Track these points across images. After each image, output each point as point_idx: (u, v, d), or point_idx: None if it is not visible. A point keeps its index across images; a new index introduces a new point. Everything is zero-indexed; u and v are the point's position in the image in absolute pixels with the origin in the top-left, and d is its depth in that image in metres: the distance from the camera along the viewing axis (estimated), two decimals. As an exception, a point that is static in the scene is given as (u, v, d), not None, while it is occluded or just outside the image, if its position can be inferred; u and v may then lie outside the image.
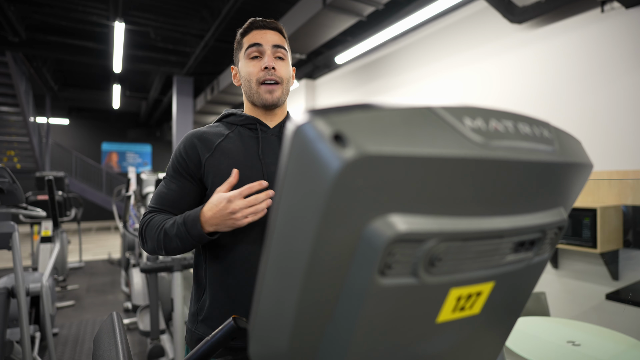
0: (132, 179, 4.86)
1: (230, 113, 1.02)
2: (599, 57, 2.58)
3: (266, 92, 0.96)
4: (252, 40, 0.97)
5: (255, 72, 0.96)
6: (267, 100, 0.96)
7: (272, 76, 0.95)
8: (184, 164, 0.95)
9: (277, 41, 0.98)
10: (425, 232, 0.29)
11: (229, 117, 1.01)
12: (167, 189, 0.96)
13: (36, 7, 5.17)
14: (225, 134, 0.97)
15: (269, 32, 0.98)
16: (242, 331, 0.64)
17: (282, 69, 0.98)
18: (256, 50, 0.96)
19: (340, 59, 4.61)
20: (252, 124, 0.99)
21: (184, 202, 0.95)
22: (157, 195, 0.96)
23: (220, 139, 0.96)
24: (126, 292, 4.40)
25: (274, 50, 0.97)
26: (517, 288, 0.42)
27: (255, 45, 0.96)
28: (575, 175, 0.39)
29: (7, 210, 1.96)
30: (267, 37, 0.97)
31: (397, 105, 0.28)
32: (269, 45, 0.97)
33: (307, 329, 0.31)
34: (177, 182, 0.95)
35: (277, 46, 0.97)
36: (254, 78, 0.96)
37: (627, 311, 2.29)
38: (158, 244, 0.89)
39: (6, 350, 1.99)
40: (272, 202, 0.29)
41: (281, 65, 0.98)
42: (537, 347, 1.49)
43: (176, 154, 0.97)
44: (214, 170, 0.93)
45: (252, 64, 0.97)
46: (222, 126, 1.00)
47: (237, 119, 1.00)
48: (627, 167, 2.41)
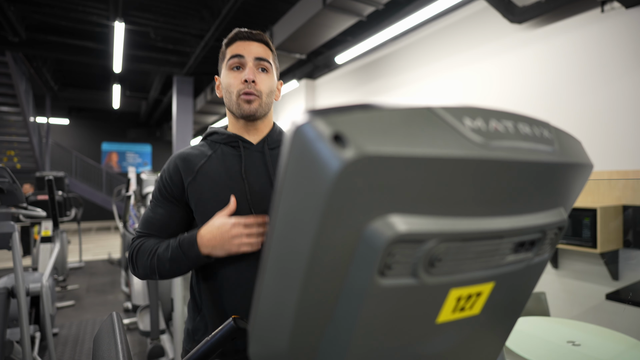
0: (132, 179, 4.87)
1: (213, 131, 1.00)
2: (599, 57, 2.58)
3: (244, 102, 0.93)
4: (234, 51, 0.95)
5: (235, 84, 0.94)
6: (245, 111, 0.94)
7: (251, 89, 0.93)
8: (169, 188, 0.94)
9: (260, 53, 0.95)
10: (425, 232, 0.29)
11: (212, 136, 1.00)
12: (154, 213, 0.95)
13: (36, 7, 5.17)
14: (208, 155, 0.96)
15: (254, 43, 0.96)
16: (242, 331, 0.64)
17: (263, 82, 0.95)
18: (238, 61, 0.94)
19: (340, 59, 4.61)
20: (234, 142, 0.97)
21: (171, 226, 0.94)
22: (144, 220, 0.95)
23: (202, 161, 0.94)
24: (126, 292, 4.40)
25: (256, 62, 0.95)
26: (517, 288, 0.42)
27: (237, 56, 0.94)
28: (575, 176, 0.39)
29: (7, 210, 1.96)
30: (250, 49, 0.95)
31: (397, 105, 0.28)
32: (251, 57, 0.94)
33: (307, 329, 0.31)
34: (163, 206, 0.94)
35: (261, 59, 0.95)
36: (234, 90, 0.94)
37: (627, 311, 2.29)
38: (151, 269, 0.89)
39: (6, 350, 1.99)
40: (272, 202, 0.29)
41: (263, 79, 0.95)
42: (537, 347, 1.49)
43: (161, 177, 0.96)
44: (197, 195, 0.92)
45: (232, 75, 0.95)
46: (206, 146, 0.99)
47: (219, 137, 0.98)
48: (627, 167, 2.41)
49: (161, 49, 6.62)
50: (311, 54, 5.26)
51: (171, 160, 0.96)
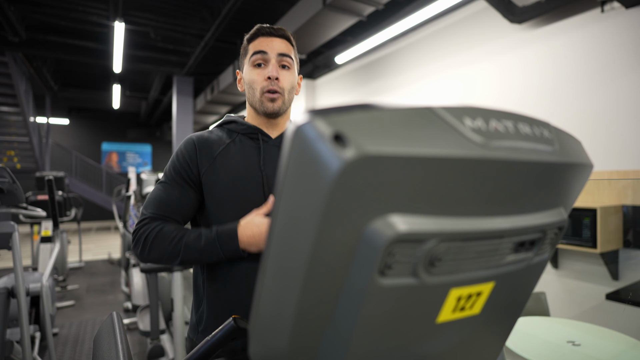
0: (132, 179, 4.87)
1: (232, 120, 1.00)
2: (599, 57, 2.58)
3: (268, 101, 0.94)
4: (257, 47, 0.95)
5: (259, 81, 0.95)
6: (268, 109, 0.95)
7: (275, 87, 0.94)
8: (187, 168, 0.92)
9: (283, 49, 0.96)
10: (425, 232, 0.29)
11: (231, 125, 1.00)
12: (167, 194, 0.91)
13: (36, 7, 5.17)
14: (226, 143, 0.96)
15: (276, 39, 0.97)
16: (242, 331, 0.64)
17: (285, 79, 0.96)
18: (261, 58, 0.95)
19: (340, 59, 4.61)
20: (254, 134, 0.97)
21: (186, 209, 0.92)
22: (156, 200, 0.91)
23: (221, 148, 0.94)
24: (126, 292, 4.40)
25: (279, 58, 0.95)
26: (517, 288, 0.42)
27: (260, 52, 0.95)
28: (575, 176, 0.39)
29: (7, 210, 1.96)
30: (273, 45, 0.95)
31: (397, 105, 0.28)
32: (274, 53, 0.95)
33: (307, 329, 0.31)
34: (178, 187, 0.92)
35: (283, 54, 0.96)
36: (258, 87, 0.95)
37: (627, 311, 2.29)
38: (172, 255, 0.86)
39: (6, 350, 1.99)
40: (272, 202, 0.29)
41: (285, 75, 0.96)
42: (537, 347, 1.49)
43: (178, 157, 0.94)
44: (214, 179, 0.91)
45: (256, 72, 0.95)
46: (224, 133, 0.98)
47: (239, 127, 0.98)
48: (627, 167, 2.41)
49: (161, 49, 6.62)
50: (311, 54, 5.26)
51: (189, 142, 0.95)
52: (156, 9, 5.22)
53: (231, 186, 0.90)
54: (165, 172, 0.96)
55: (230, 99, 7.48)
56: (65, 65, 8.43)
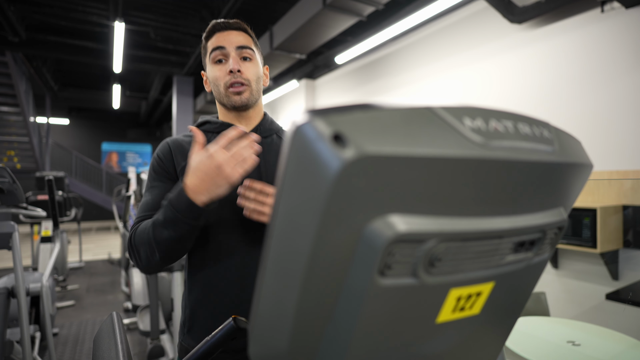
0: (132, 179, 4.87)
1: (205, 121, 1.00)
2: (599, 57, 2.58)
3: (234, 94, 0.94)
4: (215, 44, 0.94)
5: (221, 77, 0.94)
6: (236, 102, 0.94)
7: (238, 79, 0.93)
8: (163, 166, 0.93)
9: (241, 42, 0.95)
10: (425, 232, 0.29)
11: (205, 125, 1.00)
12: (151, 195, 0.92)
13: (36, 7, 5.17)
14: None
15: (232, 32, 0.95)
16: (242, 331, 0.64)
17: (248, 70, 0.95)
18: (220, 53, 0.94)
19: (340, 59, 4.61)
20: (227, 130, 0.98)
21: None
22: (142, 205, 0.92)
23: None
24: (126, 292, 4.40)
25: (238, 51, 0.94)
26: (517, 288, 0.42)
27: (218, 48, 0.94)
28: (575, 176, 0.39)
29: (7, 210, 1.96)
30: (230, 39, 0.94)
31: (397, 105, 0.28)
32: (232, 47, 0.94)
33: (307, 330, 0.31)
34: (158, 186, 0.92)
35: (242, 47, 0.94)
36: (221, 82, 0.94)
37: (627, 311, 2.29)
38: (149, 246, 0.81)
39: (6, 350, 1.99)
40: (272, 202, 0.29)
41: (248, 67, 0.95)
42: (537, 347, 1.49)
43: (155, 159, 0.95)
44: None
45: (217, 68, 0.94)
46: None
47: (212, 126, 0.98)
48: (627, 167, 2.41)
49: (161, 49, 6.62)
50: (311, 54, 5.26)
51: (163, 144, 0.96)
52: (156, 9, 5.22)
53: None
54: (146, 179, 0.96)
55: (230, 99, 7.46)
56: (65, 65, 8.43)
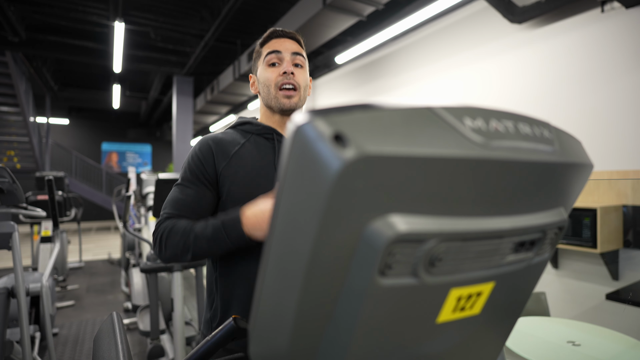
0: (132, 179, 4.86)
1: (246, 121, 1.02)
2: (599, 57, 2.58)
3: (284, 97, 0.97)
4: (271, 48, 0.99)
5: (273, 78, 0.97)
6: (284, 105, 0.97)
7: (291, 80, 0.97)
8: (202, 168, 0.93)
9: (295, 49, 1.00)
10: (425, 232, 0.29)
11: (245, 126, 1.02)
12: (183, 195, 0.93)
13: (36, 7, 5.17)
14: (241, 143, 0.98)
15: (288, 40, 1.01)
16: (242, 331, 0.64)
17: (300, 76, 0.99)
18: (275, 57, 0.99)
19: (340, 59, 4.61)
20: (268, 134, 1.00)
21: (202, 208, 0.92)
22: (172, 201, 0.93)
23: (236, 147, 0.96)
24: (126, 292, 4.40)
25: (292, 57, 0.99)
26: (517, 288, 0.42)
27: (274, 52, 0.99)
28: (575, 175, 0.39)
29: (7, 210, 1.95)
30: (285, 45, 1.00)
31: (397, 105, 0.28)
32: (287, 52, 0.99)
33: (307, 329, 0.31)
34: (194, 187, 0.93)
35: (296, 53, 1.00)
36: (272, 83, 0.98)
37: (627, 311, 2.29)
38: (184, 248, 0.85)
39: (6, 350, 1.99)
40: (273, 202, 0.29)
41: (299, 72, 1.00)
42: (537, 347, 1.49)
43: (193, 158, 0.95)
44: (231, 178, 0.92)
45: (270, 70, 0.99)
46: (237, 134, 1.00)
47: (254, 127, 1.00)
48: (627, 167, 2.41)
49: (161, 49, 6.62)
50: (311, 54, 5.26)
51: (203, 143, 0.96)
52: (156, 9, 5.22)
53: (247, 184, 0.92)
54: (181, 174, 0.97)
55: (230, 99, 7.48)
56: (65, 65, 8.43)
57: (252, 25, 5.46)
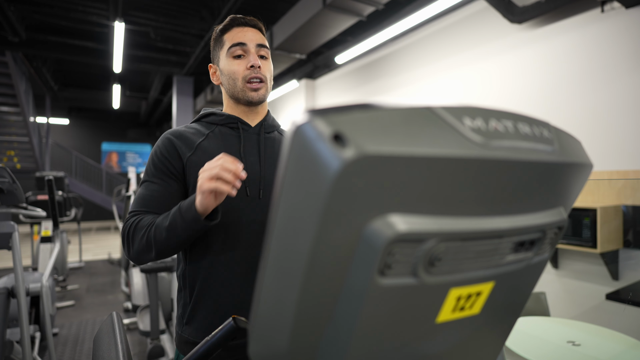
0: (132, 179, 4.86)
1: (210, 112, 1.01)
2: (599, 57, 2.58)
3: (251, 90, 0.96)
4: (235, 39, 0.97)
5: (240, 71, 0.96)
6: (253, 98, 0.97)
7: (258, 74, 0.96)
8: (166, 162, 0.92)
9: (259, 40, 0.98)
10: (425, 232, 0.29)
11: (209, 117, 1.01)
12: (149, 190, 0.91)
13: (36, 7, 5.16)
14: (205, 133, 0.97)
15: (251, 30, 0.99)
16: (242, 331, 0.64)
17: (266, 68, 0.98)
18: (240, 49, 0.96)
19: (340, 59, 4.61)
20: (233, 123, 0.99)
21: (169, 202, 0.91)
22: (138, 199, 0.91)
23: (201, 138, 0.95)
24: (126, 292, 4.40)
25: (257, 49, 0.97)
26: (517, 288, 0.42)
27: (239, 44, 0.96)
28: (575, 175, 0.39)
29: (7, 210, 1.95)
30: (249, 36, 0.97)
31: (397, 105, 0.28)
32: (252, 44, 0.97)
33: (307, 329, 0.31)
34: (159, 182, 0.92)
35: (261, 45, 0.98)
36: (240, 76, 0.96)
37: (627, 311, 2.29)
38: (147, 243, 0.84)
39: (6, 350, 1.99)
40: (272, 202, 0.29)
41: (265, 64, 0.98)
42: (537, 347, 1.49)
43: (156, 153, 0.94)
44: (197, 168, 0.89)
45: (236, 63, 0.96)
46: (201, 126, 1.00)
47: (218, 118, 1.00)
48: (627, 167, 2.41)
49: (161, 49, 6.62)
50: (311, 54, 5.26)
51: (164, 138, 0.96)
52: (156, 9, 5.22)
53: None
54: (145, 171, 0.95)
55: (230, 99, 7.46)
56: (65, 65, 8.43)
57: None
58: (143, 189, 0.93)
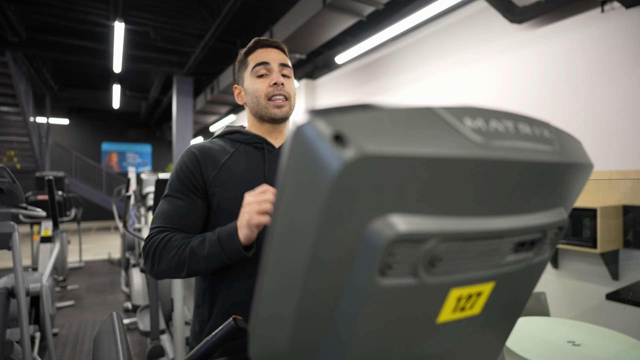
0: (132, 179, 4.86)
1: (235, 130, 1.01)
2: (599, 57, 2.57)
3: (274, 107, 0.96)
4: (258, 59, 0.98)
5: (263, 89, 0.97)
6: (276, 115, 0.96)
7: (282, 91, 0.97)
8: (192, 177, 0.92)
9: (282, 60, 1.00)
10: (425, 232, 0.29)
11: (234, 135, 1.00)
12: (173, 206, 0.90)
13: (36, 7, 5.17)
14: (230, 152, 0.96)
15: (274, 50, 1.00)
16: (242, 331, 0.64)
17: (289, 86, 0.99)
18: (264, 68, 0.98)
19: (340, 59, 4.61)
20: (258, 143, 0.98)
21: (193, 219, 0.90)
22: (163, 214, 0.90)
23: (226, 157, 0.95)
24: (126, 292, 4.40)
25: (280, 68, 0.99)
26: (517, 288, 0.42)
27: (262, 64, 0.98)
28: (575, 176, 0.39)
29: (7, 210, 1.95)
30: (272, 56, 0.99)
31: (397, 105, 0.28)
32: (275, 63, 0.98)
33: (307, 330, 0.31)
34: (184, 197, 0.91)
35: (284, 65, 1.00)
36: (262, 94, 0.97)
37: (627, 311, 2.29)
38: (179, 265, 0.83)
39: (6, 350, 1.99)
40: (273, 202, 0.29)
41: (288, 82, 0.99)
42: (537, 347, 1.49)
43: (181, 168, 0.93)
44: (221, 188, 0.91)
45: (259, 82, 0.98)
46: (226, 143, 0.99)
47: (243, 137, 0.99)
48: (627, 167, 2.41)
49: (161, 49, 6.62)
50: (311, 54, 5.26)
51: (189, 152, 0.95)
52: (156, 9, 5.22)
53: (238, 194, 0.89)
54: (169, 185, 0.95)
55: (230, 99, 7.48)
56: (65, 65, 8.43)
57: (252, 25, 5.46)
58: (166, 204, 0.92)
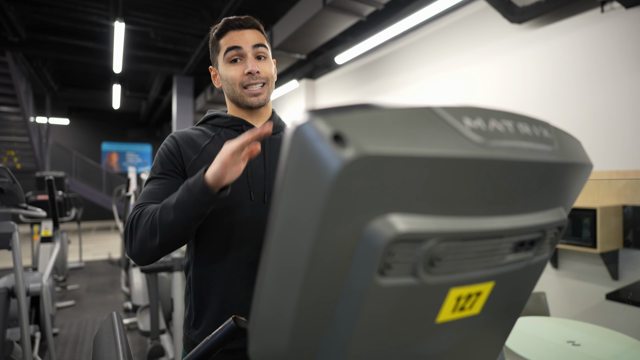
0: (132, 179, 4.86)
1: (214, 115, 1.00)
2: (599, 57, 2.57)
3: (250, 96, 0.93)
4: (230, 43, 0.93)
5: (237, 77, 0.93)
6: (252, 103, 0.94)
7: (257, 79, 0.93)
8: (173, 159, 0.91)
9: (256, 40, 0.94)
10: (425, 232, 0.29)
11: (214, 119, 0.99)
12: (156, 185, 0.89)
13: (36, 7, 5.16)
14: (211, 136, 0.96)
15: (247, 31, 0.94)
16: (242, 331, 0.64)
17: (265, 69, 0.94)
18: (236, 53, 0.92)
19: (340, 59, 4.61)
20: (238, 125, 0.97)
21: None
22: (145, 193, 0.89)
23: (207, 141, 0.94)
24: (126, 292, 4.40)
25: (254, 50, 0.93)
26: (517, 288, 0.42)
27: (234, 48, 0.92)
28: (575, 175, 0.39)
29: (7, 210, 1.95)
30: (245, 38, 0.93)
31: (397, 105, 0.28)
32: (249, 46, 0.92)
33: (307, 329, 0.31)
34: (166, 178, 0.90)
35: (257, 45, 0.93)
36: (237, 82, 0.93)
37: (627, 311, 2.29)
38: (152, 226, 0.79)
39: (6, 350, 1.99)
40: (272, 202, 0.29)
41: (264, 65, 0.94)
42: (537, 347, 1.49)
43: (163, 151, 0.93)
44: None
45: (233, 68, 0.93)
46: (207, 128, 0.98)
47: (222, 120, 0.98)
48: (627, 167, 2.41)
49: (161, 49, 6.62)
50: (311, 54, 5.26)
51: (170, 137, 0.94)
52: (156, 9, 5.22)
53: None
54: (151, 169, 0.94)
55: (230, 99, 7.47)
56: (65, 65, 8.42)
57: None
58: (149, 185, 0.91)
